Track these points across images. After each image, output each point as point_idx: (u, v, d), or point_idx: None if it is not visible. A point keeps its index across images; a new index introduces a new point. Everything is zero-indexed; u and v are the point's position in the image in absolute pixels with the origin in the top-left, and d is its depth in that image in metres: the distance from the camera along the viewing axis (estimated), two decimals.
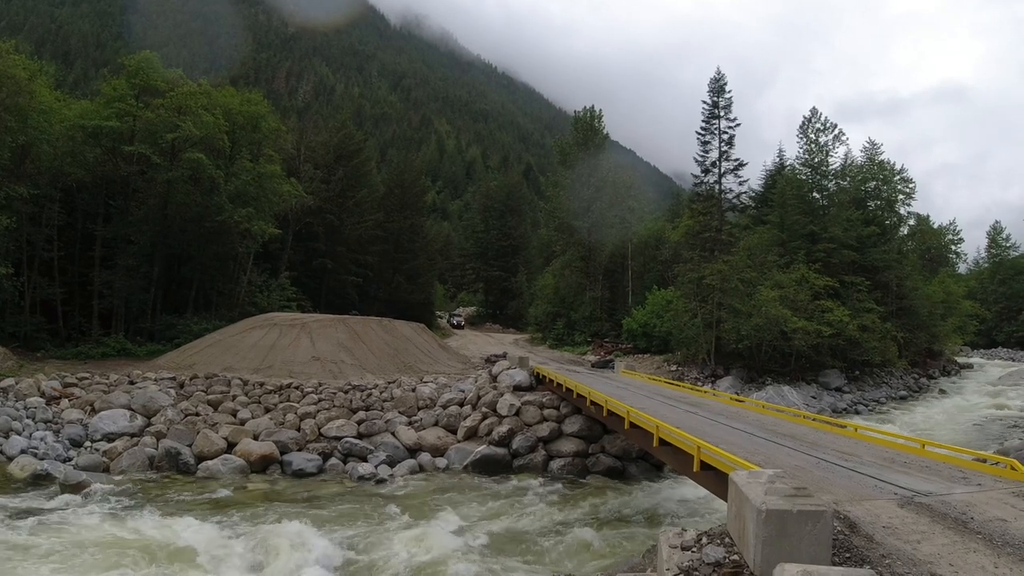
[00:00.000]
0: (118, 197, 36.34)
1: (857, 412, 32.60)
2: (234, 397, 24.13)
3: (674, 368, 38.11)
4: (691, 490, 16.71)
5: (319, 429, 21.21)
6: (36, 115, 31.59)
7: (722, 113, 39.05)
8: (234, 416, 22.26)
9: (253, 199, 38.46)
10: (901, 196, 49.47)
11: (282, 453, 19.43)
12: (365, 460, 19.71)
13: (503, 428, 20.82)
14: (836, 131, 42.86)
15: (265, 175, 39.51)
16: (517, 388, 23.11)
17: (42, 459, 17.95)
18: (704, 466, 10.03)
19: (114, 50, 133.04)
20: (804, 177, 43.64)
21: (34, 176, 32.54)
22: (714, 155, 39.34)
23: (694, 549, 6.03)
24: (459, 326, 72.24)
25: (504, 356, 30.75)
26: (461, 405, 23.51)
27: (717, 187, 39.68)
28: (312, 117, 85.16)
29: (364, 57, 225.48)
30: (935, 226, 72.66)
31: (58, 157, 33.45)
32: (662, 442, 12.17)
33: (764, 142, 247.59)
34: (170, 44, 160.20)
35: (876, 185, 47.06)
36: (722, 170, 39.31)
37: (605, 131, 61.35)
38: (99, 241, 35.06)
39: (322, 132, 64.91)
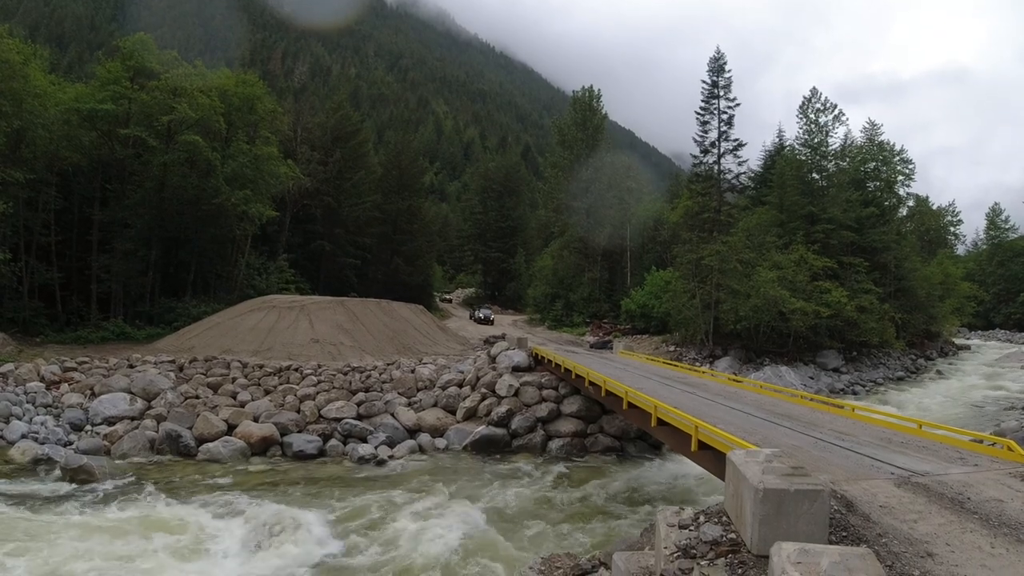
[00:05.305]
0: (114, 181, 36.17)
1: (854, 393, 32.71)
2: (234, 379, 24.20)
3: (672, 349, 38.21)
4: (689, 469, 16.81)
5: (319, 411, 21.31)
6: (31, 99, 31.30)
7: (721, 93, 38.74)
8: (234, 398, 22.35)
9: (250, 181, 38.26)
10: (900, 177, 49.44)
11: (282, 435, 19.54)
12: (365, 441, 19.82)
13: (502, 409, 20.93)
14: (836, 111, 42.62)
15: (262, 157, 39.26)
16: (516, 369, 23.16)
17: (43, 443, 18.04)
18: (702, 446, 10.09)
19: (108, 33, 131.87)
20: (803, 158, 43.42)
21: (30, 161, 32.34)
22: (713, 135, 39.11)
23: (692, 527, 6.06)
24: (487, 320, 58.84)
25: (503, 337, 30.79)
26: (460, 386, 23.60)
27: (716, 167, 39.47)
28: (308, 98, 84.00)
29: (360, 37, 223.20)
30: (934, 207, 72.47)
31: (54, 141, 33.22)
32: (660, 422, 12.24)
33: (764, 123, 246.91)
34: (165, 26, 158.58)
35: (876, 166, 46.89)
36: (721, 150, 39.12)
37: (604, 111, 61.15)
38: (96, 225, 34.94)
39: (319, 113, 64.37)
